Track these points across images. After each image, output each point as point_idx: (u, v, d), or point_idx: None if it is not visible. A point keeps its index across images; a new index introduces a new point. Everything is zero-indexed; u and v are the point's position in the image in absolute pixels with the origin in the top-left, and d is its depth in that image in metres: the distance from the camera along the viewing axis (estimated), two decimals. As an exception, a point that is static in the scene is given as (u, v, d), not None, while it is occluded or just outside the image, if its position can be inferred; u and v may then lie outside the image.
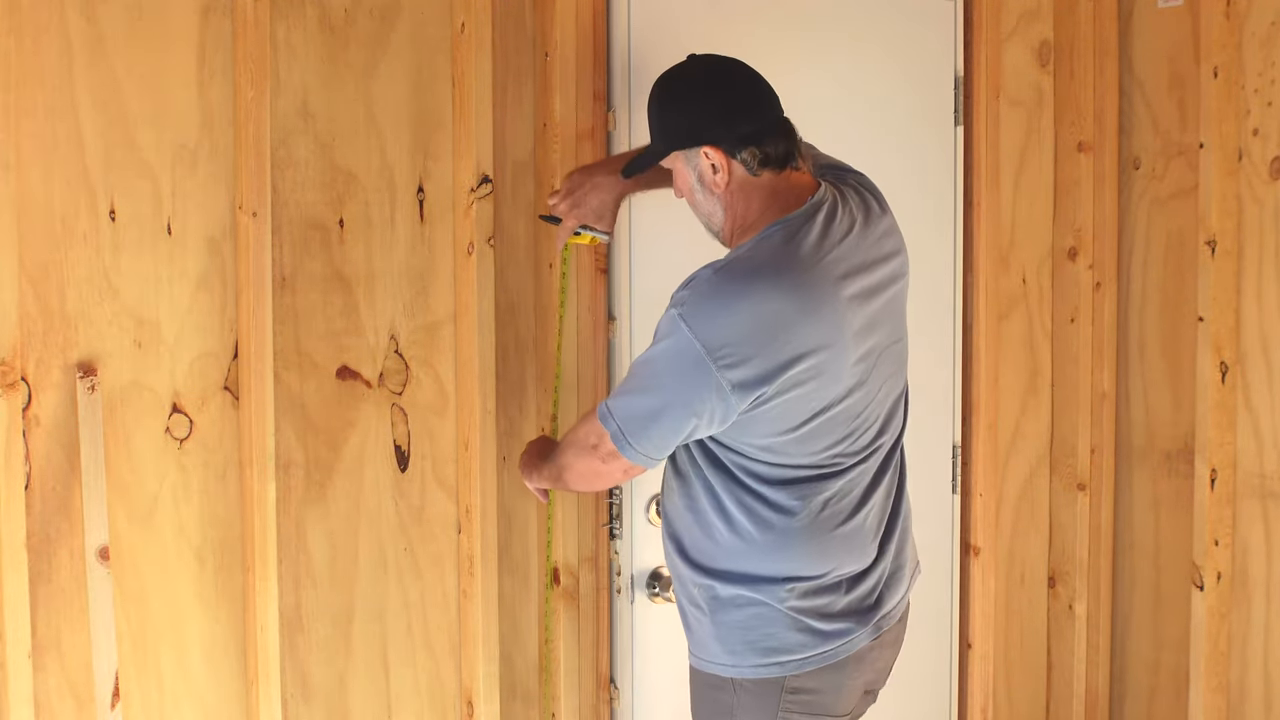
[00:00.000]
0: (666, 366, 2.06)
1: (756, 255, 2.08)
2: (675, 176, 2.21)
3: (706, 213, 2.19)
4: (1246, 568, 2.99)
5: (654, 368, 2.08)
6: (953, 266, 3.13)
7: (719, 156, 2.13)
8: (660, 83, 2.20)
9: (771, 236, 2.09)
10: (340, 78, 2.40)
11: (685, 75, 2.18)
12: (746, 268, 2.06)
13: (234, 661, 2.36)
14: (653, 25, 2.64)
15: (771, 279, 2.04)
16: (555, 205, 2.46)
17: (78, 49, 2.16)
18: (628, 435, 2.09)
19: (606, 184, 2.43)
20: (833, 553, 2.19)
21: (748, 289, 2.03)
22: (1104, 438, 3.24)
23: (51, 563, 2.18)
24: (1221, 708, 3.01)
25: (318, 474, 2.42)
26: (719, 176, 2.14)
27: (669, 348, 2.05)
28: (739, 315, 2.02)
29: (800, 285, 2.05)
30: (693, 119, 2.15)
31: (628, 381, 2.14)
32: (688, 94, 2.16)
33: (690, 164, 2.16)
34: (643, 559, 2.69)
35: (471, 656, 2.55)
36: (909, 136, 3.03)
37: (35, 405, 2.16)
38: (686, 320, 2.02)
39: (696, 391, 2.03)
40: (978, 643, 3.20)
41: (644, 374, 2.11)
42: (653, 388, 2.08)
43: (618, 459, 2.13)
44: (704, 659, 2.24)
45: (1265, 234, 2.92)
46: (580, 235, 2.45)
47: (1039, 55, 3.23)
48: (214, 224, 2.30)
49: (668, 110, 2.18)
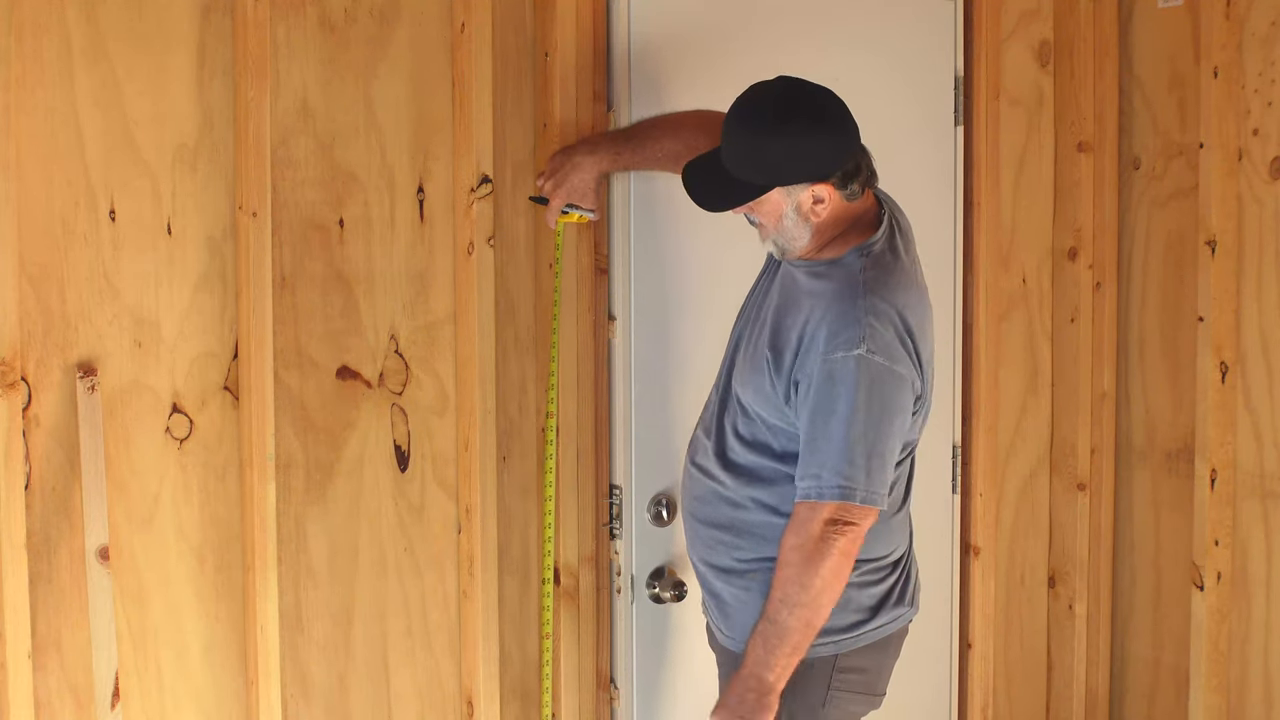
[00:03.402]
0: (877, 402, 2.11)
1: (886, 275, 2.17)
2: (760, 204, 2.17)
3: (790, 238, 2.20)
4: (1246, 568, 2.99)
5: (866, 412, 2.11)
6: (953, 266, 3.13)
7: (828, 191, 2.15)
8: (764, 114, 2.12)
9: (879, 256, 2.18)
10: (340, 78, 2.40)
11: (797, 111, 2.12)
12: (886, 289, 2.15)
13: (234, 661, 2.36)
14: (653, 25, 2.64)
15: (906, 292, 2.18)
16: (541, 186, 2.52)
17: (78, 49, 2.16)
18: (874, 489, 2.13)
19: (585, 163, 2.47)
20: (894, 534, 2.34)
21: (900, 302, 2.15)
22: (1104, 438, 3.24)
23: (51, 563, 2.18)
24: (1221, 708, 3.01)
25: (318, 474, 2.42)
26: (820, 207, 2.16)
27: (867, 386, 2.10)
28: (901, 327, 2.13)
29: (922, 296, 2.23)
30: (815, 160, 2.13)
31: (840, 444, 2.11)
32: (805, 132, 2.12)
33: (790, 196, 2.15)
34: (643, 559, 2.69)
35: (471, 656, 2.55)
36: (909, 136, 3.03)
37: (35, 405, 2.16)
38: (873, 353, 2.09)
39: (906, 405, 2.16)
40: (978, 643, 3.20)
41: (859, 422, 2.11)
42: (875, 426, 2.11)
43: (869, 519, 2.15)
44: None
45: (1265, 234, 2.92)
46: (569, 214, 2.50)
47: (1039, 55, 3.23)
48: (214, 224, 2.30)
49: (777, 146, 2.12)
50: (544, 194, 2.51)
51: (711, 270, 2.72)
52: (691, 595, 2.70)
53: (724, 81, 2.68)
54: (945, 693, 3.21)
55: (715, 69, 2.70)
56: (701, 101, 2.67)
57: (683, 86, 2.68)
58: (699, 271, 2.73)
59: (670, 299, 2.70)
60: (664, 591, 2.68)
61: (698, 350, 2.71)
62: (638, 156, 2.50)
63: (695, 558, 2.42)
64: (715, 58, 2.71)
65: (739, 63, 2.65)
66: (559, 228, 2.54)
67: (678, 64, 2.67)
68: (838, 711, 2.32)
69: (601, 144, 2.50)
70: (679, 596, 2.68)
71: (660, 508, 2.70)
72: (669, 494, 2.70)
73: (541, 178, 2.53)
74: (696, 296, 2.73)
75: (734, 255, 2.60)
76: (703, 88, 2.68)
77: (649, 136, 2.51)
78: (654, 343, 2.68)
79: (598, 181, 2.49)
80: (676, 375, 2.68)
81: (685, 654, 2.76)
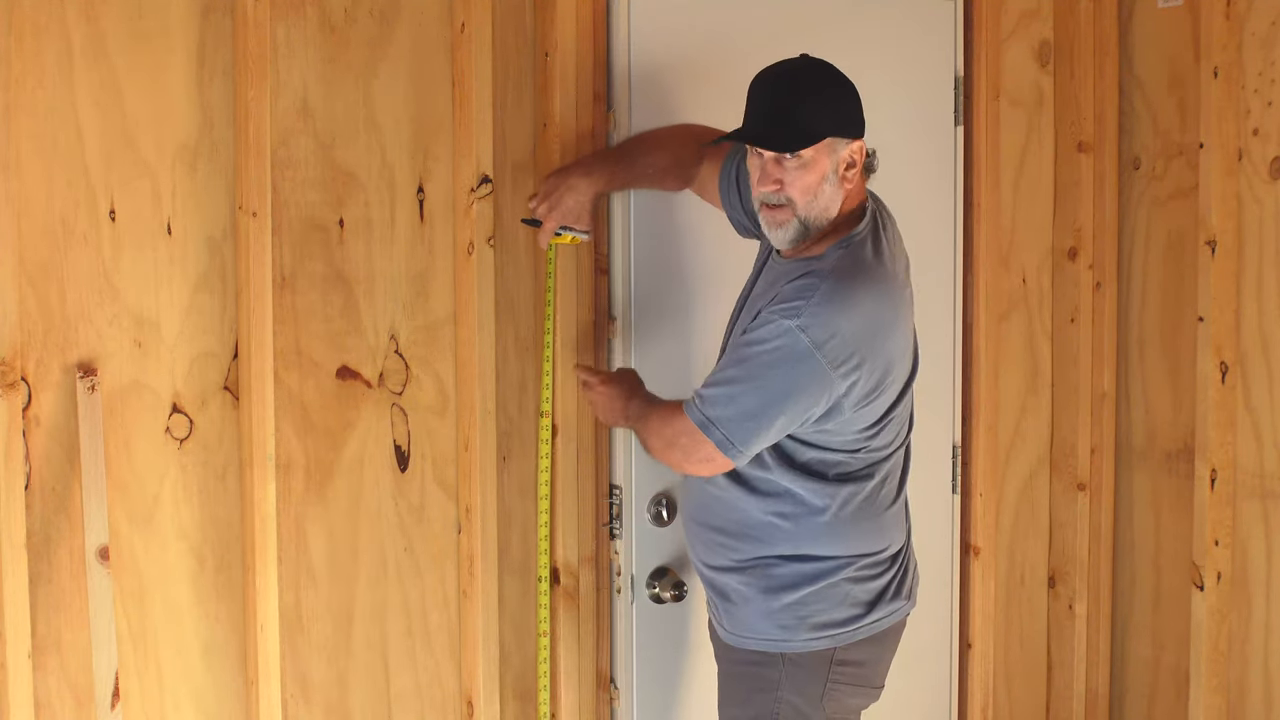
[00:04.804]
0: (781, 373, 2.15)
1: (854, 265, 2.19)
2: (807, 167, 2.18)
3: (822, 207, 2.21)
4: (1246, 568, 2.99)
5: (766, 375, 2.16)
6: (953, 266, 3.13)
7: (862, 153, 2.23)
8: (826, 66, 2.22)
9: (858, 246, 2.21)
10: (340, 78, 2.40)
11: (833, 75, 2.22)
12: (850, 277, 2.17)
13: (234, 661, 2.36)
14: (653, 26, 2.64)
15: (874, 288, 2.19)
16: (534, 209, 2.52)
17: (78, 49, 2.16)
18: (735, 441, 2.20)
19: (581, 185, 2.48)
20: (887, 529, 2.37)
21: (858, 301, 2.16)
22: (1104, 438, 3.24)
23: (51, 563, 2.18)
24: (1221, 708, 3.01)
25: (318, 474, 2.42)
26: (851, 172, 2.22)
27: (782, 355, 2.14)
28: (853, 322, 2.15)
29: (890, 292, 2.23)
30: (855, 119, 2.23)
31: (730, 386, 2.20)
32: (845, 93, 2.22)
33: (834, 154, 2.20)
34: (643, 559, 2.69)
35: (471, 656, 2.55)
36: (909, 136, 3.03)
37: (35, 405, 2.16)
38: (804, 329, 2.12)
39: (812, 395, 2.16)
40: (978, 643, 3.20)
41: (754, 380, 2.17)
42: (765, 395, 2.17)
43: (717, 462, 2.24)
44: (747, 636, 2.35)
45: (1265, 234, 2.92)
46: (561, 236, 2.51)
47: (1039, 55, 3.23)
48: (214, 224, 2.30)
49: (843, 95, 2.21)
50: (537, 216, 2.51)
51: (711, 270, 2.73)
52: (692, 595, 2.70)
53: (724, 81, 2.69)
54: (945, 692, 3.21)
55: (715, 69, 2.70)
56: (701, 101, 2.67)
57: (683, 86, 2.68)
58: (699, 271, 2.73)
59: (670, 299, 2.70)
60: (664, 591, 2.68)
61: (697, 351, 2.72)
62: (630, 174, 2.53)
63: (696, 560, 2.45)
64: (715, 57, 2.71)
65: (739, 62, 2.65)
66: (550, 251, 2.55)
67: (678, 64, 2.67)
68: (836, 704, 2.36)
69: (595, 165, 2.51)
70: (679, 596, 2.68)
71: (660, 508, 2.70)
72: (669, 494, 2.70)
73: (534, 200, 2.53)
74: (696, 296, 2.73)
75: (734, 255, 2.61)
76: (703, 87, 2.69)
77: (638, 152, 2.55)
78: (654, 343, 2.68)
79: (593, 203, 2.50)
80: (676, 375, 2.68)
81: (685, 654, 2.76)
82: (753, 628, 2.34)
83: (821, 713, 2.34)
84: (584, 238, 2.53)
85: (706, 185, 2.55)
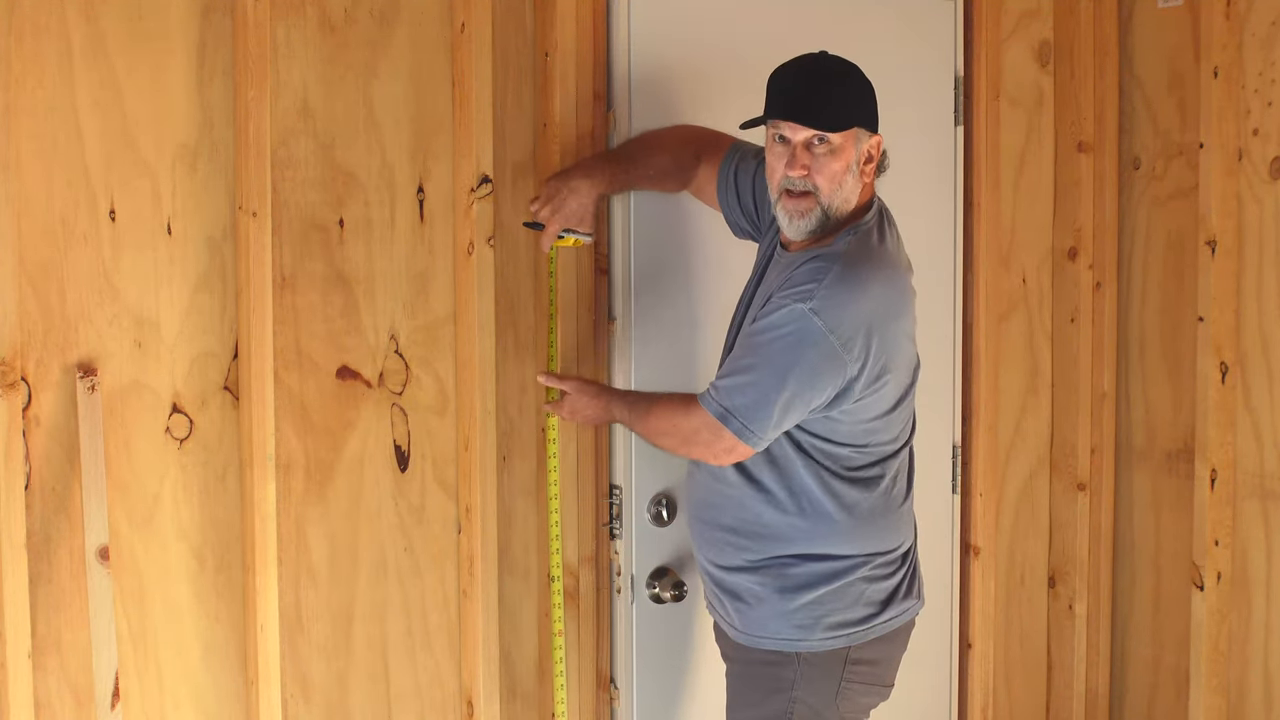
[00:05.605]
0: (795, 357, 2.17)
1: (865, 250, 2.23)
2: (835, 154, 2.21)
3: (845, 196, 2.25)
4: (1246, 568, 2.99)
5: (780, 360, 2.18)
6: (953, 266, 3.13)
7: (878, 150, 2.28)
8: (847, 61, 2.27)
9: (866, 234, 2.25)
10: (340, 78, 2.40)
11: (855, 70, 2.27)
12: (861, 261, 2.21)
13: (234, 661, 2.36)
14: (653, 26, 2.64)
15: (882, 273, 2.23)
16: (536, 212, 2.52)
17: (78, 49, 2.16)
18: (754, 429, 2.22)
19: (583, 187, 2.48)
20: (899, 527, 2.40)
21: (869, 283, 2.20)
22: (1104, 438, 3.24)
23: (51, 563, 2.18)
24: (1221, 708, 3.01)
25: (318, 474, 2.42)
26: (870, 167, 2.27)
27: (795, 339, 2.16)
28: (864, 304, 2.19)
29: (897, 278, 2.27)
30: (875, 114, 2.28)
31: (745, 375, 2.22)
32: (870, 83, 2.28)
33: (859, 145, 2.24)
34: (643, 559, 2.69)
35: (471, 656, 2.55)
36: (909, 136, 3.02)
37: (35, 405, 2.16)
38: (817, 312, 2.14)
39: (826, 377, 2.19)
40: (978, 643, 3.20)
41: (768, 366, 2.19)
42: (780, 379, 2.19)
43: (739, 451, 2.26)
44: (763, 636, 2.35)
45: (1265, 234, 2.92)
46: (564, 239, 2.51)
47: (1039, 55, 3.23)
48: (214, 224, 2.30)
49: (865, 88, 2.26)
50: (539, 219, 2.50)
51: (711, 271, 2.73)
52: (692, 595, 2.70)
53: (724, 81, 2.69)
54: (945, 692, 3.21)
55: (715, 68, 2.70)
56: (701, 101, 2.67)
57: (683, 86, 2.68)
58: (699, 272, 2.73)
59: (670, 299, 2.70)
60: (664, 591, 2.68)
61: (698, 351, 2.72)
62: (631, 175, 2.53)
63: (704, 559, 2.44)
64: (715, 57, 2.71)
65: (739, 62, 2.66)
66: (552, 253, 2.55)
67: (677, 64, 2.67)
68: (850, 703, 2.37)
69: (596, 167, 2.51)
70: (679, 596, 2.68)
71: (660, 508, 2.70)
72: (669, 494, 2.70)
73: (536, 203, 2.53)
74: (696, 297, 2.73)
75: (733, 256, 2.61)
76: (703, 88, 2.69)
77: (639, 154, 2.55)
78: (654, 343, 2.68)
79: (595, 205, 2.50)
80: (677, 375, 2.68)
81: (685, 654, 2.76)
82: (768, 628, 2.34)
83: (836, 712, 2.35)
84: (587, 240, 2.53)
85: (704, 187, 2.55)
